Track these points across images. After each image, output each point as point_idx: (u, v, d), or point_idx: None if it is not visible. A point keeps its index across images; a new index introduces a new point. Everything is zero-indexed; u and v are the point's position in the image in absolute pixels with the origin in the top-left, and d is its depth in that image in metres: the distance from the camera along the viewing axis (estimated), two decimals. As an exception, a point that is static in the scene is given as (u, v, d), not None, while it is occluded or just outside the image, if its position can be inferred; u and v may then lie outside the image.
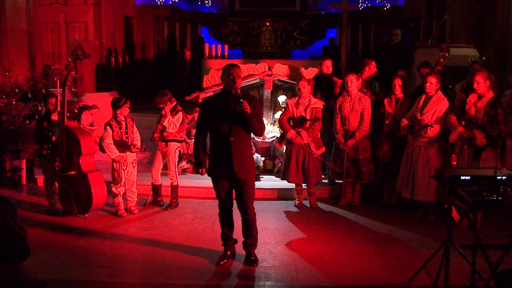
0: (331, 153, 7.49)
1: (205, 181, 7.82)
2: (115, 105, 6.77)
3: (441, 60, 7.20)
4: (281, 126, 7.25)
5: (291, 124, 7.09)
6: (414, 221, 6.72)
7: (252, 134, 5.14)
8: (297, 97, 7.17)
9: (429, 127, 6.32)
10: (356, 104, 7.08)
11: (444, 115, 6.41)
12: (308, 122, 7.01)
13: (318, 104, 7.12)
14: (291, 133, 7.05)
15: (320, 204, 7.38)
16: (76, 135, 6.65)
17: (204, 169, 5.21)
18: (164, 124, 7.03)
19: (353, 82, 7.07)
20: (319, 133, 7.19)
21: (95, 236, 6.12)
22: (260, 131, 5.06)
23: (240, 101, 4.80)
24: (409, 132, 6.57)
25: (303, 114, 7.05)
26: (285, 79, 8.77)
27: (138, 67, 14.96)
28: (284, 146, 7.42)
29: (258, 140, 8.46)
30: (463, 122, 6.19)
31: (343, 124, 7.20)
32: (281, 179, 7.56)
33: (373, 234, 6.25)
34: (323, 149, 7.27)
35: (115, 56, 13.38)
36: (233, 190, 5.20)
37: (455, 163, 6.52)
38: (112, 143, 6.70)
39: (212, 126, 5.04)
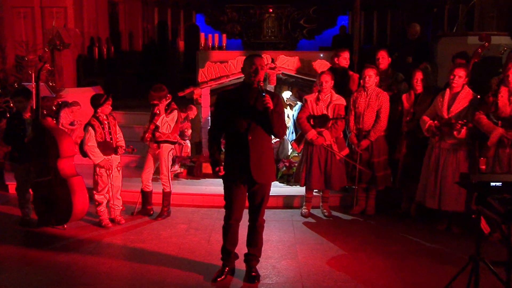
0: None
1: (200, 187, 7.91)
2: (96, 103, 6.74)
3: (479, 50, 7.15)
4: (299, 125, 7.21)
5: (312, 123, 7.06)
6: (437, 233, 6.68)
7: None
8: (316, 93, 7.13)
9: (465, 127, 6.22)
10: (373, 100, 7.05)
11: (472, 113, 6.33)
12: (331, 121, 7.00)
13: (341, 100, 7.09)
14: (312, 134, 7.01)
15: (329, 213, 7.39)
16: (53, 135, 6.61)
17: (222, 167, 5.02)
18: (157, 123, 6.99)
19: (372, 78, 7.06)
20: (341, 132, 7.17)
21: (76, 251, 6.06)
22: (282, 130, 5.02)
23: (263, 95, 4.78)
24: (436, 133, 6.50)
25: (325, 112, 7.02)
26: (291, 72, 8.76)
27: (124, 59, 14.93)
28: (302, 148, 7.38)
29: None
30: (499, 122, 6.13)
31: (357, 122, 7.17)
32: (295, 184, 7.58)
33: (389, 247, 6.20)
34: (346, 150, 7.23)
35: (98, 47, 13.34)
36: (247, 200, 5.18)
37: (484, 167, 6.42)
38: (96, 146, 6.67)
39: (228, 123, 5.01)
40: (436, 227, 6.80)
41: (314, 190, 7.36)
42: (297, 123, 7.27)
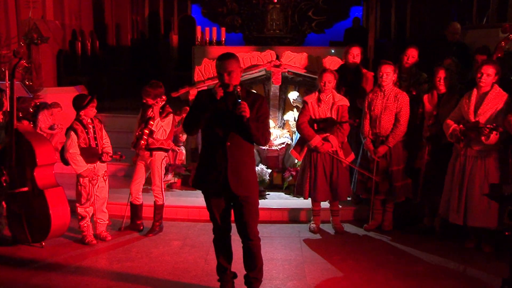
0: (357, 164, 7.47)
1: (196, 199, 7.94)
2: (78, 104, 6.71)
3: (503, 43, 7.13)
4: (300, 131, 7.20)
5: (315, 128, 7.05)
6: (465, 251, 6.64)
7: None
8: (316, 93, 7.13)
9: (494, 132, 6.16)
10: (391, 102, 7.04)
11: (503, 115, 6.27)
12: (337, 124, 7.01)
13: (344, 101, 7.10)
14: (317, 140, 7.00)
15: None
16: (29, 141, 6.58)
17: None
18: (152, 128, 6.95)
19: (389, 75, 7.04)
20: (346, 137, 7.18)
21: (55, 271, 6.01)
22: (262, 139, 4.98)
23: (238, 102, 4.74)
24: (461, 138, 6.46)
25: (329, 115, 7.03)
26: (298, 71, 8.76)
27: (111, 55, 15.01)
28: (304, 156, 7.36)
29: (264, 147, 8.45)
30: None
31: (373, 126, 7.16)
32: (296, 196, 7.59)
33: (410, 267, 6.17)
34: (352, 156, 7.26)
35: (81, 41, 13.39)
36: (232, 210, 5.16)
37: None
38: (79, 153, 6.65)
39: (206, 127, 5.00)
40: (464, 245, 6.76)
41: (322, 202, 7.36)
42: (297, 129, 7.28)
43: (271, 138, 8.46)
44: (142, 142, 6.96)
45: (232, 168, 4.90)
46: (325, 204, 7.45)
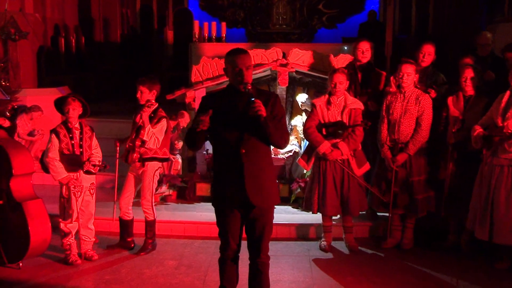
0: (373, 173, 7.46)
1: (194, 214, 8.07)
2: (60, 105, 6.71)
3: None
4: (307, 136, 7.21)
5: (324, 133, 7.04)
6: (496, 274, 6.61)
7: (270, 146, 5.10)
8: (326, 95, 7.12)
9: None
10: (411, 104, 7.02)
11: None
12: (348, 129, 6.99)
13: (358, 104, 7.10)
14: (325, 146, 6.98)
15: (356, 246, 7.38)
16: (4, 149, 6.59)
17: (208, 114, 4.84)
18: (144, 138, 6.92)
19: (410, 76, 7.02)
20: (360, 144, 7.15)
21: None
22: (282, 140, 4.98)
23: (252, 101, 4.72)
24: (485, 144, 6.45)
25: (340, 118, 7.02)
26: (307, 70, 8.77)
27: (98, 52, 15.06)
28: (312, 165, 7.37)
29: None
30: None
31: (391, 132, 7.14)
32: (303, 210, 7.59)
33: (434, 290, 6.11)
34: (366, 166, 7.25)
35: (65, 37, 13.40)
36: (244, 227, 5.16)
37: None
38: (58, 158, 6.63)
39: (216, 135, 4.99)
40: (494, 266, 6.72)
41: (333, 217, 7.36)
42: (304, 134, 7.30)
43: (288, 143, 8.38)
44: (134, 155, 6.95)
45: (250, 177, 4.89)
46: (337, 220, 7.43)
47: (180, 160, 9.14)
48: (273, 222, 7.56)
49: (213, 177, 5.15)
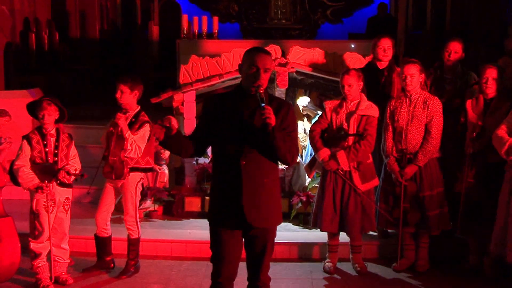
0: (379, 188, 7.46)
1: (182, 232, 8.12)
2: (34, 110, 6.68)
3: None
4: (310, 140, 7.29)
5: (325, 139, 7.09)
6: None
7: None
8: (340, 99, 7.16)
9: None
10: (419, 109, 7.01)
11: None
12: (348, 138, 6.98)
13: (370, 110, 7.06)
14: (324, 153, 7.01)
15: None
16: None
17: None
18: (128, 147, 6.86)
19: (414, 77, 7.00)
20: (370, 155, 7.12)
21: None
22: (289, 156, 4.92)
23: (261, 107, 4.68)
24: None
25: (344, 125, 7.03)
26: (309, 70, 8.72)
27: (74, 50, 15.06)
28: (315, 173, 7.47)
29: None
30: None
31: (397, 141, 7.13)
32: (312, 227, 7.63)
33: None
34: (375, 182, 7.24)
35: (36, 32, 13.38)
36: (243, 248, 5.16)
37: None
38: (29, 166, 6.58)
39: (216, 141, 4.97)
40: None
41: (340, 236, 7.34)
42: (309, 137, 7.36)
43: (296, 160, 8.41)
44: (125, 170, 6.91)
45: (248, 194, 4.85)
46: (344, 238, 7.38)
47: (166, 171, 9.13)
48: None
49: (210, 189, 5.14)
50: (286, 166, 8.54)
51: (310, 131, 7.23)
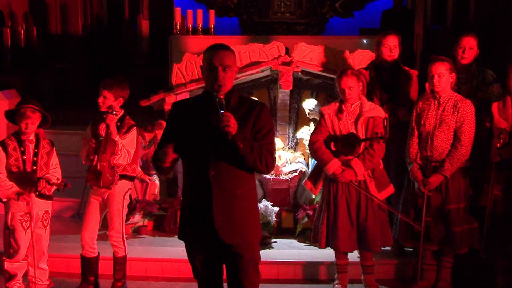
0: (400, 198, 7.42)
1: (174, 250, 8.10)
2: (10, 112, 6.72)
3: None
4: (313, 153, 7.19)
5: (333, 149, 6.97)
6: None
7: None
8: (337, 102, 7.09)
9: None
10: (448, 113, 6.95)
11: None
12: (363, 143, 6.93)
13: (376, 111, 7.03)
14: (334, 165, 6.90)
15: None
16: None
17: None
18: (118, 153, 6.87)
19: (443, 77, 6.93)
20: (381, 161, 7.04)
21: None
22: (261, 165, 4.90)
23: (220, 113, 4.69)
24: None
25: (353, 130, 6.93)
26: (316, 70, 8.68)
27: (55, 47, 15.03)
28: (321, 188, 7.34)
29: (269, 177, 8.47)
30: None
31: (423, 147, 7.07)
32: (313, 244, 7.59)
33: None
34: (390, 189, 7.16)
35: (11, 27, 13.36)
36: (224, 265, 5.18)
37: None
38: (5, 173, 6.57)
39: (184, 152, 4.92)
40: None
41: (349, 254, 7.28)
42: (310, 150, 7.28)
43: (279, 163, 8.50)
44: (116, 176, 6.91)
45: (219, 205, 4.84)
46: (354, 257, 7.35)
47: (157, 182, 9.11)
48: (275, 260, 7.72)
49: (181, 202, 5.18)
50: (291, 177, 8.53)
51: (311, 142, 7.13)
